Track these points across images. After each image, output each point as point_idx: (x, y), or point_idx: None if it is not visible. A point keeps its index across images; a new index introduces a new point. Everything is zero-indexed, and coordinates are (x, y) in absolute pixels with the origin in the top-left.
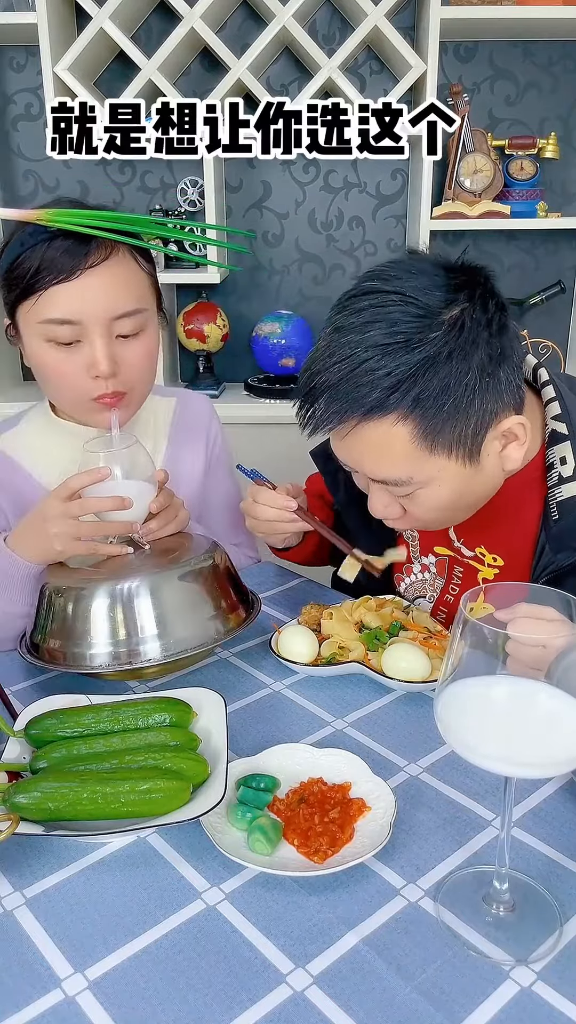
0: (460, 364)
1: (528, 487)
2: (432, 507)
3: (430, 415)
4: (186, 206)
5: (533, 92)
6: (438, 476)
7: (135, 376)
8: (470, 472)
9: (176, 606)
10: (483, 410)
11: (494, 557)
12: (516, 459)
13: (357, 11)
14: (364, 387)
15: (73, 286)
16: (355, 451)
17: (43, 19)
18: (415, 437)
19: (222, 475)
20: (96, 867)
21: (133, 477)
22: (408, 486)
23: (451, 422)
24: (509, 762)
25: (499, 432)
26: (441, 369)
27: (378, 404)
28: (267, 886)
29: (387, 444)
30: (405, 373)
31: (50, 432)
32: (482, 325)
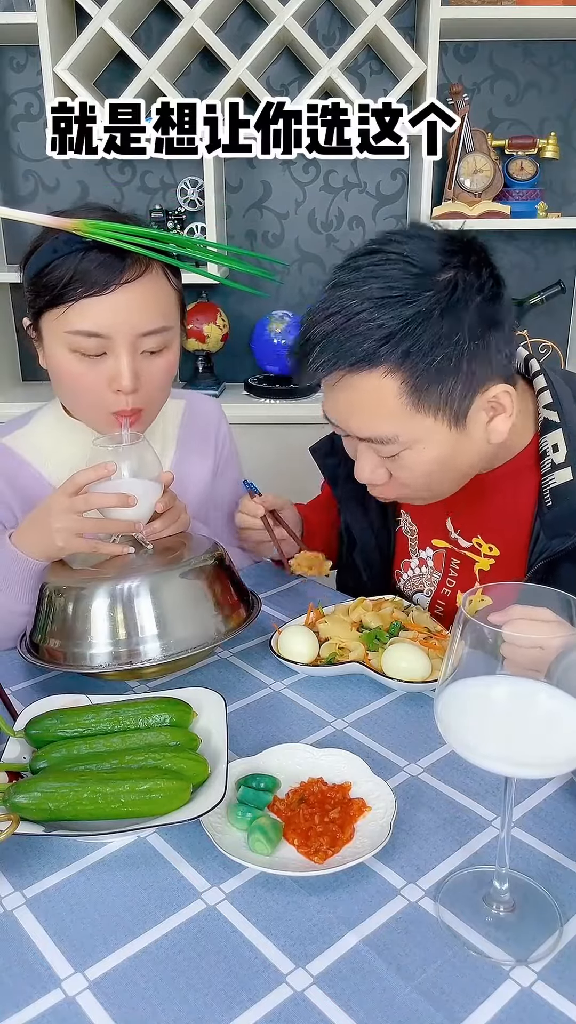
0: (451, 323)
1: (522, 475)
2: (417, 471)
3: (419, 370)
4: (186, 206)
5: (533, 92)
6: (424, 437)
7: (154, 393)
8: (456, 437)
9: (176, 606)
10: (471, 373)
11: (490, 547)
12: (502, 432)
13: (357, 11)
14: (357, 337)
15: (105, 300)
16: (344, 405)
17: (43, 19)
18: (403, 392)
19: (230, 477)
20: (96, 867)
21: (140, 475)
22: (394, 445)
23: (439, 380)
24: (509, 762)
25: (486, 400)
26: (432, 326)
27: (369, 354)
28: (267, 886)
29: (376, 397)
30: (397, 326)
31: (60, 431)
32: (474, 289)
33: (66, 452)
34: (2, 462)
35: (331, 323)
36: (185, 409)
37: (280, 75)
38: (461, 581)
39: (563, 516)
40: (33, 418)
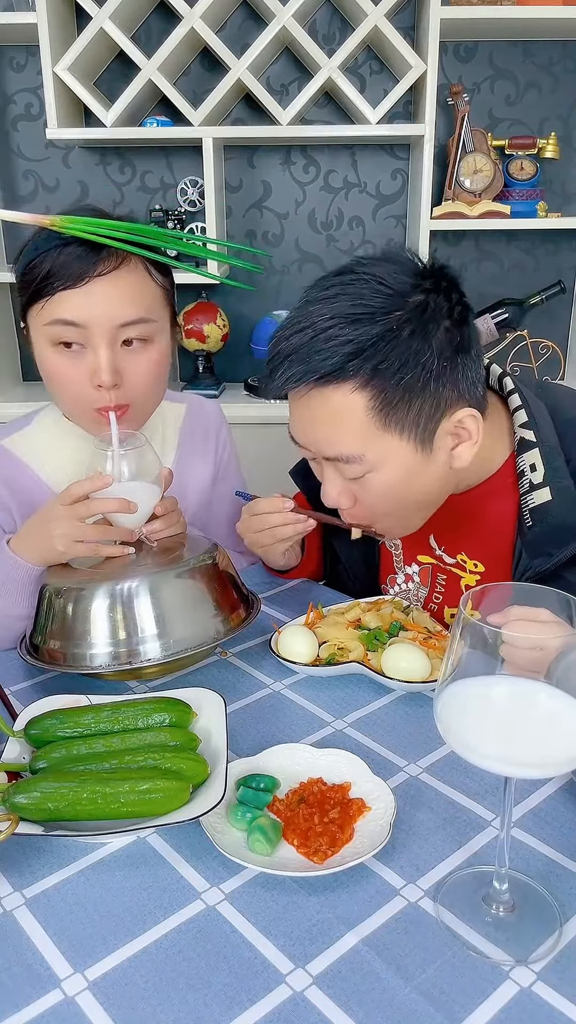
0: (420, 343)
1: (500, 495)
2: (382, 494)
3: (387, 388)
4: (186, 206)
5: (533, 92)
6: (389, 458)
7: (139, 389)
8: (421, 460)
9: (176, 606)
10: (439, 395)
11: (475, 563)
12: (466, 459)
13: (357, 11)
14: (325, 351)
15: (80, 292)
16: (311, 423)
17: (43, 19)
18: (370, 409)
19: (230, 481)
20: (96, 867)
21: (140, 478)
22: (359, 465)
23: (407, 399)
24: (509, 762)
25: (452, 423)
26: (401, 344)
27: (337, 368)
28: (267, 886)
29: (343, 414)
30: (366, 342)
31: (60, 434)
32: (444, 312)
33: (65, 455)
34: (1, 464)
35: (301, 337)
36: (186, 412)
37: (280, 75)
38: (448, 596)
39: (544, 536)
40: (33, 420)
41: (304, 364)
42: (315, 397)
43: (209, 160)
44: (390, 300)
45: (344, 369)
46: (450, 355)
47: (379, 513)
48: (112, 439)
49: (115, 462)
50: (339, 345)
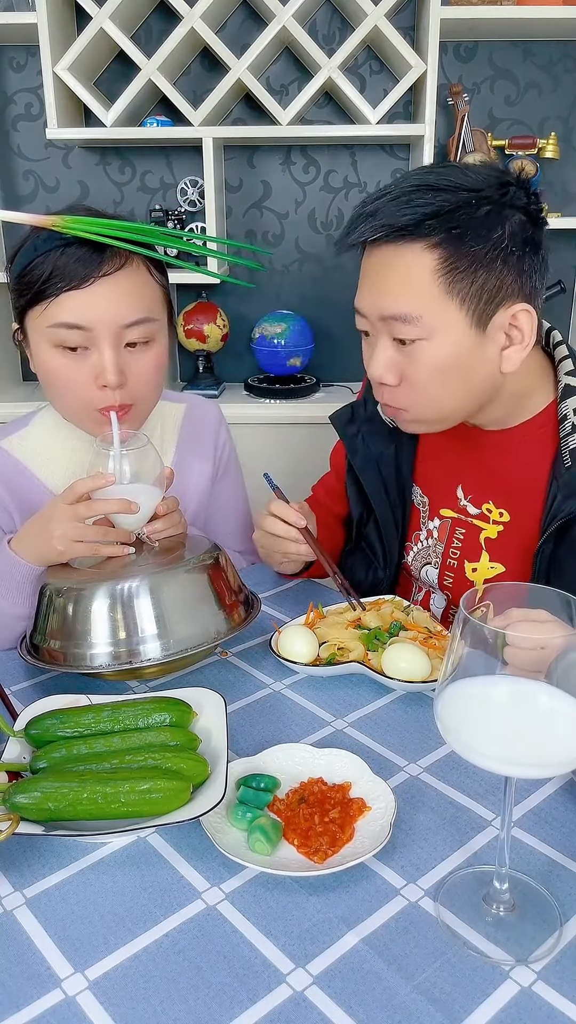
0: (494, 221)
1: (538, 438)
2: (429, 368)
3: (457, 254)
4: (186, 206)
5: (533, 92)
6: (445, 328)
7: (142, 388)
8: (473, 343)
9: (176, 606)
10: (502, 277)
11: (501, 512)
12: (515, 361)
13: (357, 11)
14: (406, 209)
15: (85, 294)
16: (381, 278)
17: (43, 19)
18: (438, 270)
19: (229, 482)
20: (96, 867)
21: (142, 479)
22: (415, 327)
23: (472, 269)
24: (509, 762)
25: (508, 316)
26: (477, 217)
27: (414, 224)
28: (267, 886)
29: (412, 270)
30: (445, 207)
31: (58, 435)
32: (520, 204)
33: (64, 456)
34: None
35: (385, 200)
36: (185, 412)
37: (280, 75)
38: (465, 550)
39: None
40: (32, 420)
41: (385, 218)
42: (388, 252)
43: (209, 160)
44: (473, 180)
45: (421, 226)
46: (519, 244)
47: (420, 395)
48: (114, 439)
49: (117, 462)
50: (420, 206)
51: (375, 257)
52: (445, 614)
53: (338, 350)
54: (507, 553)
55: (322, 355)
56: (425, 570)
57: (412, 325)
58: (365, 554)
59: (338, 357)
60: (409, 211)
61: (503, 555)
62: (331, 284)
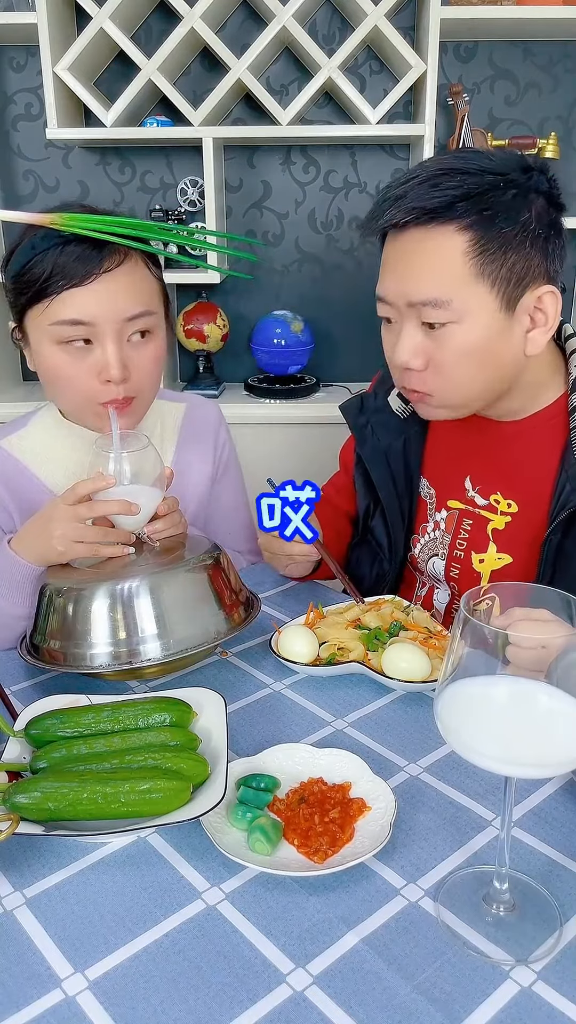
0: (521, 203)
1: (548, 429)
2: (457, 352)
3: (487, 235)
4: (186, 206)
5: (533, 92)
6: (474, 311)
7: (143, 381)
8: (502, 325)
9: (176, 606)
10: (530, 258)
11: (509, 503)
12: (539, 344)
13: (357, 11)
14: (436, 192)
15: (86, 291)
16: (408, 262)
17: (43, 19)
18: (469, 252)
19: (229, 482)
20: (96, 867)
21: (142, 479)
22: (445, 311)
23: (502, 250)
24: (509, 762)
25: (535, 298)
26: (504, 200)
27: (446, 206)
28: (267, 886)
29: (442, 253)
30: (474, 189)
31: (58, 435)
32: (544, 188)
33: (63, 455)
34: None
35: (413, 183)
36: (185, 412)
37: (280, 75)
38: (472, 541)
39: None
40: (31, 420)
41: (415, 200)
42: (417, 235)
43: (209, 160)
44: (497, 165)
45: (452, 208)
46: (545, 227)
47: (447, 380)
48: (114, 440)
49: (117, 463)
50: (450, 188)
51: (401, 242)
52: (449, 608)
53: (338, 350)
54: (514, 544)
55: (322, 355)
56: (432, 562)
57: (442, 309)
58: (371, 547)
59: (338, 357)
60: (439, 193)
61: (510, 546)
62: (331, 284)
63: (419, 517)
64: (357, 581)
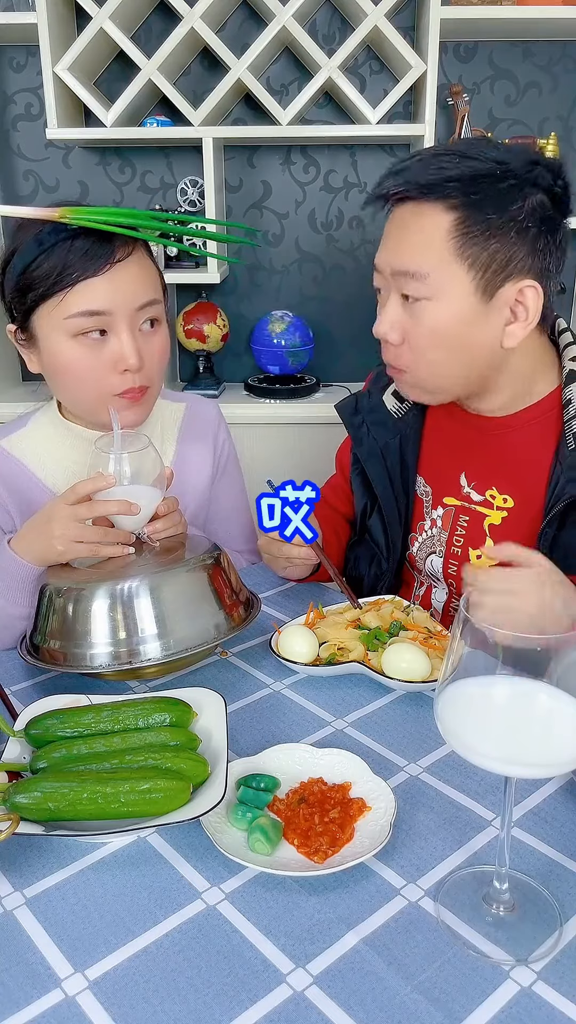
0: (515, 195)
1: (542, 423)
2: (431, 330)
3: (473, 219)
4: (186, 206)
5: (533, 92)
6: (450, 290)
7: (154, 371)
8: (477, 311)
9: (176, 606)
10: (513, 251)
11: (504, 498)
12: (517, 337)
13: (357, 11)
14: (432, 170)
15: (101, 280)
16: (398, 235)
17: (43, 19)
18: (453, 232)
19: (228, 482)
20: (96, 867)
21: (142, 479)
22: (423, 284)
23: (486, 236)
24: (509, 762)
25: (515, 291)
26: (498, 188)
27: (437, 184)
28: (267, 886)
29: (427, 228)
30: (469, 174)
31: (57, 434)
32: (545, 184)
33: (63, 455)
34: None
35: (414, 161)
36: (185, 411)
37: (280, 75)
38: (469, 538)
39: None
40: (31, 420)
41: (412, 175)
42: (409, 210)
43: (209, 160)
44: (502, 154)
45: (442, 186)
46: (537, 222)
47: (418, 357)
48: (115, 440)
49: (117, 463)
50: (445, 168)
51: (397, 214)
52: (446, 607)
53: (338, 350)
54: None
55: (322, 355)
56: (430, 560)
57: (419, 282)
58: (369, 547)
59: (338, 357)
60: (434, 171)
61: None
62: (331, 284)
63: (416, 515)
64: (356, 581)
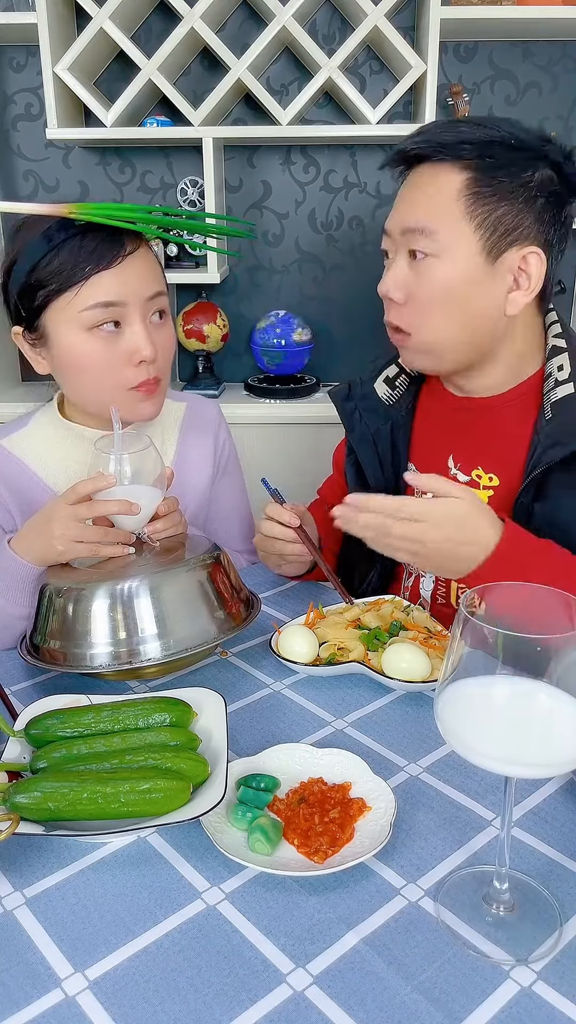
0: (526, 165)
1: (526, 399)
2: (436, 288)
3: (484, 181)
4: (186, 206)
5: (533, 92)
6: (457, 248)
7: (165, 363)
8: (482, 270)
9: (176, 606)
10: (520, 217)
11: (490, 476)
12: (519, 304)
13: (357, 11)
14: (451, 132)
15: (114, 272)
16: (411, 194)
17: (43, 19)
18: (463, 191)
19: (229, 482)
20: (96, 867)
21: (142, 479)
22: (430, 241)
23: (495, 198)
24: (509, 762)
25: (519, 257)
26: (510, 157)
27: (452, 145)
28: (267, 886)
29: (439, 187)
30: (483, 140)
31: (58, 434)
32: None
33: (63, 454)
34: (0, 464)
35: (433, 127)
36: (185, 411)
37: (280, 75)
38: None
39: (561, 425)
40: (31, 420)
41: (428, 136)
42: (425, 172)
43: (209, 160)
44: (518, 131)
45: (458, 147)
46: (545, 194)
47: (422, 317)
48: (115, 440)
49: (118, 463)
50: (462, 132)
51: (412, 177)
52: (434, 595)
53: (338, 350)
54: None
55: (322, 355)
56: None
57: (427, 239)
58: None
59: (338, 357)
60: (452, 134)
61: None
62: (331, 284)
63: None
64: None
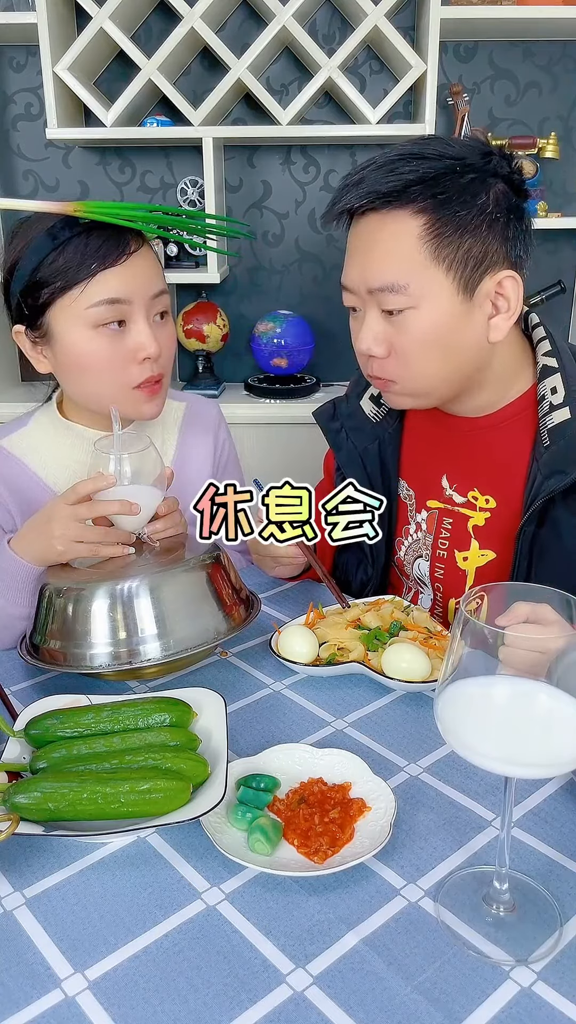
0: (478, 187)
1: (519, 420)
2: (419, 337)
3: (442, 219)
4: (186, 206)
5: (533, 92)
6: (432, 295)
7: (167, 361)
8: (461, 310)
9: (176, 606)
10: (487, 243)
11: (487, 499)
12: (502, 331)
13: (357, 11)
14: (392, 176)
15: (120, 270)
16: (367, 249)
17: (43, 19)
18: (424, 236)
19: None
20: (96, 867)
21: (142, 479)
22: (403, 296)
23: (458, 234)
24: (509, 762)
25: (494, 283)
26: (461, 183)
27: (399, 190)
28: (267, 886)
29: (398, 237)
30: (429, 174)
31: (58, 434)
32: (503, 173)
33: (63, 454)
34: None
35: (371, 167)
36: (185, 411)
37: (280, 75)
38: (454, 540)
39: (561, 454)
40: (30, 420)
41: (371, 185)
42: (374, 221)
43: (209, 160)
44: (456, 150)
45: (406, 192)
46: (504, 211)
47: (409, 366)
48: (115, 440)
49: (118, 463)
50: (405, 173)
51: (360, 228)
52: (432, 612)
53: (338, 350)
54: (496, 539)
55: (322, 355)
56: (417, 563)
57: (400, 294)
58: (355, 553)
59: (338, 357)
60: (394, 178)
61: (492, 541)
62: (331, 284)
63: (400, 519)
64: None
